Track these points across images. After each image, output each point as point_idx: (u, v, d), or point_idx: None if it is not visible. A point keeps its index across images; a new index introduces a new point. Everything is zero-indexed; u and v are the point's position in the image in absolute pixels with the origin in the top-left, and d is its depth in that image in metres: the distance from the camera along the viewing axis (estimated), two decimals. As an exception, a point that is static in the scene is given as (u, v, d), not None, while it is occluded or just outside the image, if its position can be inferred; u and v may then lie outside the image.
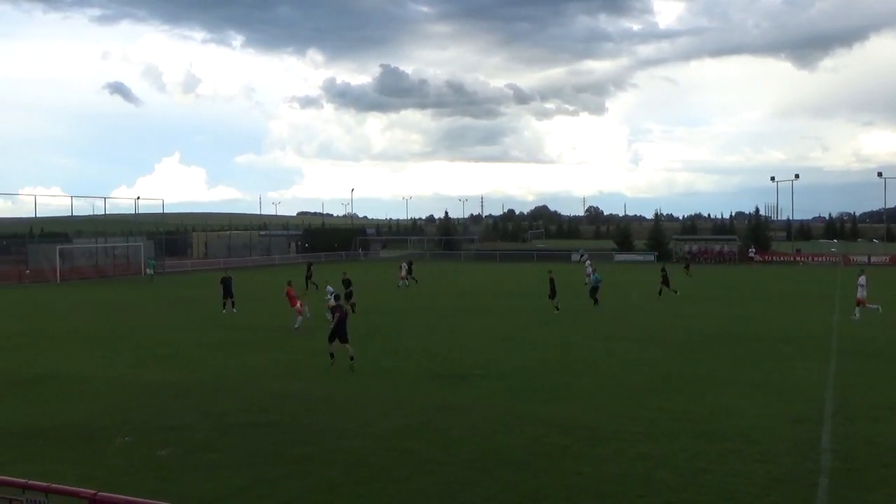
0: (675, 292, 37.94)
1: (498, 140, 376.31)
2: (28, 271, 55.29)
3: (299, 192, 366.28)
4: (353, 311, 23.97)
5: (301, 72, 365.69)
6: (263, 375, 17.91)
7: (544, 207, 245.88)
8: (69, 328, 27.65)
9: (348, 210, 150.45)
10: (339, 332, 18.63)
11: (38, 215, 65.31)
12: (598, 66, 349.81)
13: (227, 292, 32.40)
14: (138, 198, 69.18)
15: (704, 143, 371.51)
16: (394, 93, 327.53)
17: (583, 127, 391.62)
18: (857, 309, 29.05)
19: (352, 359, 18.52)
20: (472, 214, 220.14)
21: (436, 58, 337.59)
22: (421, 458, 11.09)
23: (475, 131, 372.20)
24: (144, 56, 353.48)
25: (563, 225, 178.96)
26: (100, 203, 69.78)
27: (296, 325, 26.19)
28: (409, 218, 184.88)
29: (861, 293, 29.36)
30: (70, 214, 65.26)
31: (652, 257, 78.88)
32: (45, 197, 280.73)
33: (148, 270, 56.61)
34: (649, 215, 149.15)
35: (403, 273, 46.12)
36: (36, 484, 6.36)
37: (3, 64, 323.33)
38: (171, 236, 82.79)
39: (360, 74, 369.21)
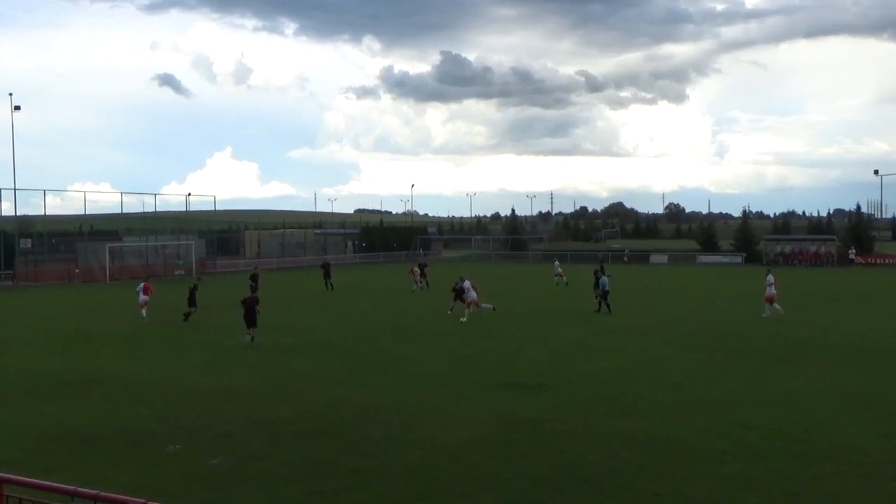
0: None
1: (568, 131, 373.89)
2: (78, 270, 57.18)
3: (356, 188, 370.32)
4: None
5: (357, 60, 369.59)
6: (318, 381, 18.15)
7: (619, 204, 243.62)
8: (118, 329, 28.51)
9: (408, 207, 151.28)
10: (249, 317, 24.16)
11: (87, 212, 67.67)
12: (677, 50, 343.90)
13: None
14: (189, 194, 71.13)
15: (798, 133, 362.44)
16: (455, 81, 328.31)
17: (661, 117, 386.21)
18: None
19: (252, 340, 23.77)
20: (540, 212, 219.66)
21: (500, 43, 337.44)
22: (485, 474, 11.08)
23: (543, 122, 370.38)
24: (194, 46, 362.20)
25: (641, 223, 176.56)
26: (150, 200, 72.09)
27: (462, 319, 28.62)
28: (472, 216, 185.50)
29: None
30: (120, 211, 67.34)
31: (739, 259, 77.24)
32: (94, 193, 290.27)
33: (177, 271, 57.91)
34: (736, 213, 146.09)
35: (418, 277, 45.72)
36: (84, 491, 6.57)
37: (51, 56, 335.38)
38: (223, 235, 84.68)
39: (419, 62, 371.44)
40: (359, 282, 50.07)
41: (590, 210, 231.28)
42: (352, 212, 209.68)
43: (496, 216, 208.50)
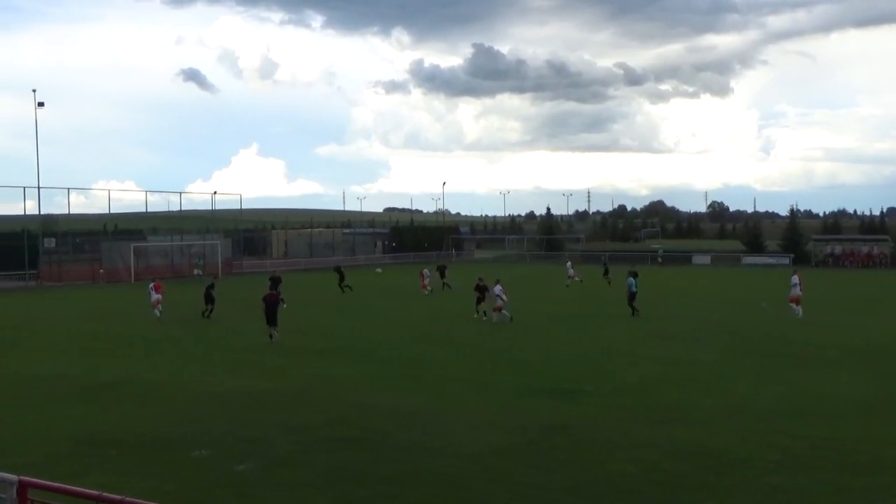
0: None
1: (606, 127, 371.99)
2: (102, 271, 57.98)
3: (386, 186, 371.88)
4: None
5: (386, 53, 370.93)
6: (346, 386, 18.25)
7: (660, 203, 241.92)
8: (143, 331, 28.87)
9: (439, 206, 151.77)
10: (270, 315, 25.51)
11: (112, 211, 68.71)
12: (721, 41, 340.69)
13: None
14: (215, 192, 71.80)
15: (849, 127, 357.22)
16: (488, 75, 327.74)
17: (704, 111, 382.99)
18: None
19: (273, 334, 25.22)
20: (577, 211, 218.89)
21: (535, 35, 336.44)
22: (519, 482, 11.07)
23: (580, 117, 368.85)
24: (220, 40, 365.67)
25: (682, 223, 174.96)
26: (175, 198, 72.62)
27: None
28: (506, 215, 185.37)
29: None
30: (145, 210, 68.30)
31: (787, 260, 76.35)
32: (119, 192, 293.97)
33: (196, 271, 58.39)
34: (783, 212, 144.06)
35: (426, 281, 44.50)
36: (110, 497, 6.66)
37: (75, 52, 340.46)
38: (250, 234, 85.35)
39: (450, 55, 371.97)
40: (388, 283, 50.25)
41: (628, 209, 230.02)
42: (381, 211, 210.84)
43: (531, 215, 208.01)
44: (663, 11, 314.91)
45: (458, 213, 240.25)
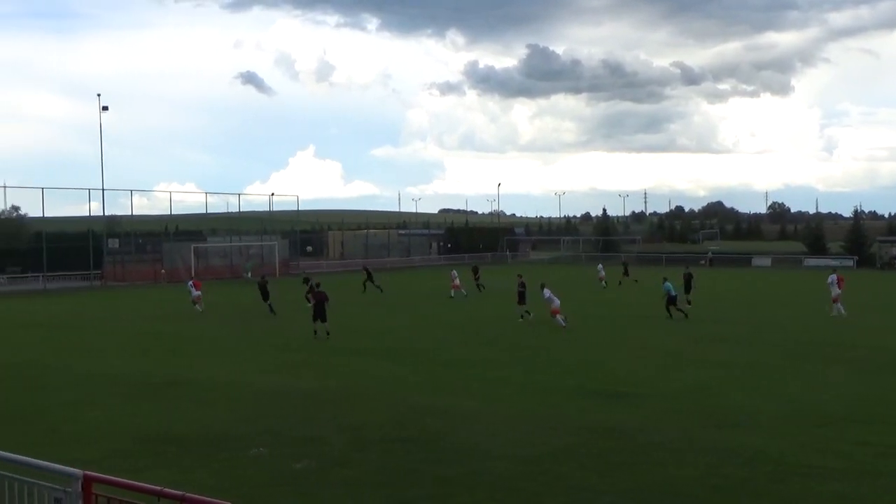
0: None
1: (663, 127, 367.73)
2: (164, 271, 59.18)
3: (441, 188, 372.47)
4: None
5: (440, 55, 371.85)
6: (400, 386, 18.33)
7: (719, 204, 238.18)
8: (202, 331, 29.39)
9: (494, 207, 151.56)
10: (319, 312, 26.46)
11: (172, 212, 70.09)
12: (781, 39, 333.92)
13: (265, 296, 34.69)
14: (272, 194, 72.94)
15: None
16: (543, 76, 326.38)
17: (764, 110, 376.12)
18: None
19: (327, 333, 25.98)
20: (633, 212, 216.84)
21: (590, 35, 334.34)
22: (576, 486, 10.99)
23: (636, 117, 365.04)
24: (277, 43, 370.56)
25: (742, 224, 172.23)
26: (234, 200, 73.87)
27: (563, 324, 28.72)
28: (561, 216, 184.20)
29: None
30: (205, 212, 69.49)
31: (850, 262, 74.56)
32: (179, 193, 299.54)
33: (245, 273, 58.96)
34: (847, 213, 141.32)
35: (457, 282, 43.63)
36: (171, 492, 6.79)
37: (137, 57, 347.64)
38: (306, 235, 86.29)
39: (504, 56, 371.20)
40: (442, 284, 50.10)
41: (686, 210, 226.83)
42: (436, 212, 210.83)
43: (586, 216, 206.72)
44: (721, 9, 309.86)
45: (513, 215, 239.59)
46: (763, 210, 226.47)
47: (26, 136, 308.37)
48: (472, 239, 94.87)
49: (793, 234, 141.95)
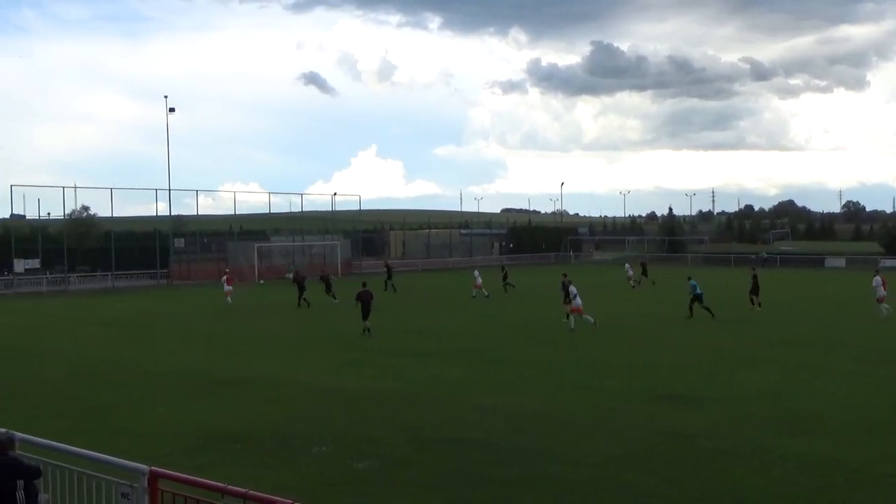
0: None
1: (732, 124, 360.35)
2: (228, 270, 60.22)
3: (503, 187, 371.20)
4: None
5: (503, 53, 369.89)
6: (463, 387, 18.32)
7: (790, 203, 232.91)
8: (264, 330, 29.83)
9: (557, 206, 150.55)
10: (365, 310, 27.57)
11: (237, 212, 71.40)
12: (856, 32, 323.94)
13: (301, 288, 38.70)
14: (335, 194, 73.53)
15: None
16: (607, 73, 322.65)
17: (838, 106, 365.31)
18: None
19: (368, 330, 27.11)
20: (700, 211, 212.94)
21: (655, 31, 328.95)
22: (642, 493, 10.83)
23: (704, 114, 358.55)
24: (339, 44, 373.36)
25: (815, 223, 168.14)
26: (297, 199, 74.94)
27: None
28: (626, 215, 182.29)
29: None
30: (268, 211, 70.56)
31: (929, 263, 72.19)
32: (243, 193, 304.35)
33: (288, 274, 58.90)
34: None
35: (479, 282, 43.15)
36: (234, 489, 6.89)
37: (202, 58, 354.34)
38: (368, 235, 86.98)
39: (568, 54, 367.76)
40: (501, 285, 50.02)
41: (756, 209, 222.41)
42: (498, 211, 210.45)
43: (652, 216, 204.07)
44: (792, 2, 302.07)
45: (577, 214, 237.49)
46: (837, 209, 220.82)
47: (96, 137, 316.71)
48: (535, 239, 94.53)
49: (868, 233, 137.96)
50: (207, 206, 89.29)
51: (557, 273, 40.17)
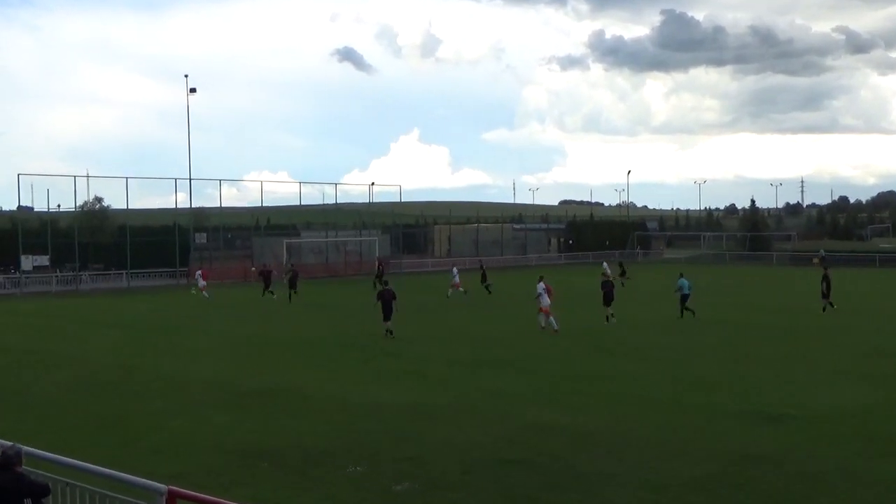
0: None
1: (823, 104, 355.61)
2: (254, 268, 60.86)
3: (561, 176, 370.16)
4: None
5: (561, 25, 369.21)
6: (517, 402, 18.38)
7: (891, 194, 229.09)
8: (295, 335, 30.17)
9: (623, 198, 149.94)
10: (386, 310, 28.41)
11: (263, 204, 71.98)
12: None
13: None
14: (372, 184, 73.85)
15: None
16: (680, 46, 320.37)
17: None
18: None
19: (390, 332, 28.08)
20: (787, 203, 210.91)
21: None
22: (713, 520, 10.82)
23: (791, 93, 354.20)
24: (377, 16, 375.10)
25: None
26: (330, 190, 75.55)
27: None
28: (701, 208, 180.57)
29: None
30: (298, 203, 71.09)
31: None
32: (271, 183, 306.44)
33: (284, 276, 58.80)
34: None
35: (457, 280, 45.02)
36: (261, 511, 7.06)
37: (226, 33, 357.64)
38: (410, 230, 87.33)
39: (635, 25, 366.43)
40: (563, 286, 49.98)
41: (851, 201, 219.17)
42: (556, 203, 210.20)
43: (731, 209, 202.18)
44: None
45: (645, 207, 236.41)
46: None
47: (110, 121, 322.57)
48: (597, 234, 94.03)
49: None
50: (231, 198, 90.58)
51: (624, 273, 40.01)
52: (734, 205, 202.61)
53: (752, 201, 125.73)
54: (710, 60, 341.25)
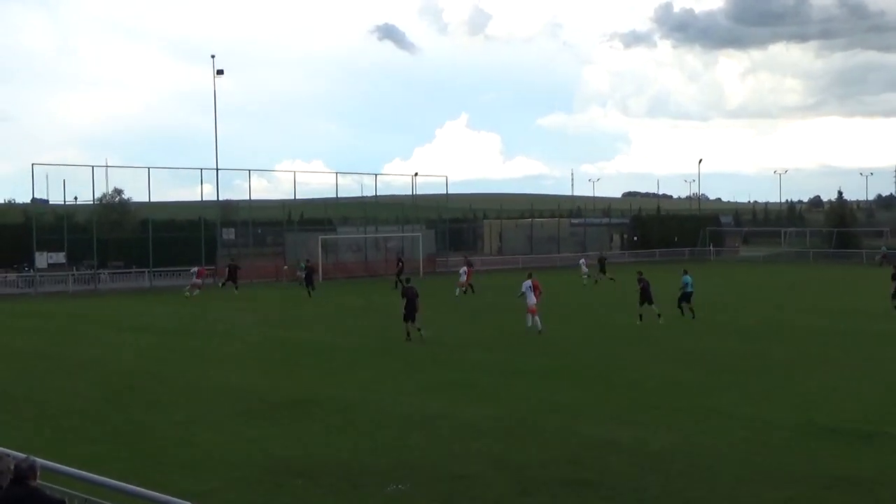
0: None
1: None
2: (286, 267, 61.15)
3: (625, 165, 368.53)
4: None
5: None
6: (577, 416, 18.29)
7: None
8: (332, 340, 30.28)
9: (693, 190, 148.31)
10: (409, 310, 28.83)
11: (297, 197, 72.27)
12: None
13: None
14: (416, 174, 73.80)
15: None
16: (758, 20, 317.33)
17: None
18: None
19: (419, 330, 28.58)
20: (879, 195, 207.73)
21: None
22: (801, 550, 10.65)
23: (884, 72, 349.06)
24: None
25: None
26: (369, 181, 75.34)
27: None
28: (782, 201, 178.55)
29: None
30: (335, 196, 71.33)
31: None
32: (304, 174, 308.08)
33: (299, 273, 57.98)
34: None
35: (464, 279, 47.37)
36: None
37: (255, 10, 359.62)
38: (457, 225, 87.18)
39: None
40: (628, 286, 49.74)
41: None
42: (619, 196, 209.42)
43: (816, 201, 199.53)
44: None
45: (718, 199, 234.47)
46: None
47: (130, 106, 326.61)
48: (665, 230, 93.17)
49: None
50: (261, 189, 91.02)
51: (693, 271, 39.57)
52: (819, 197, 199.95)
53: (840, 193, 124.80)
54: (791, 36, 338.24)
